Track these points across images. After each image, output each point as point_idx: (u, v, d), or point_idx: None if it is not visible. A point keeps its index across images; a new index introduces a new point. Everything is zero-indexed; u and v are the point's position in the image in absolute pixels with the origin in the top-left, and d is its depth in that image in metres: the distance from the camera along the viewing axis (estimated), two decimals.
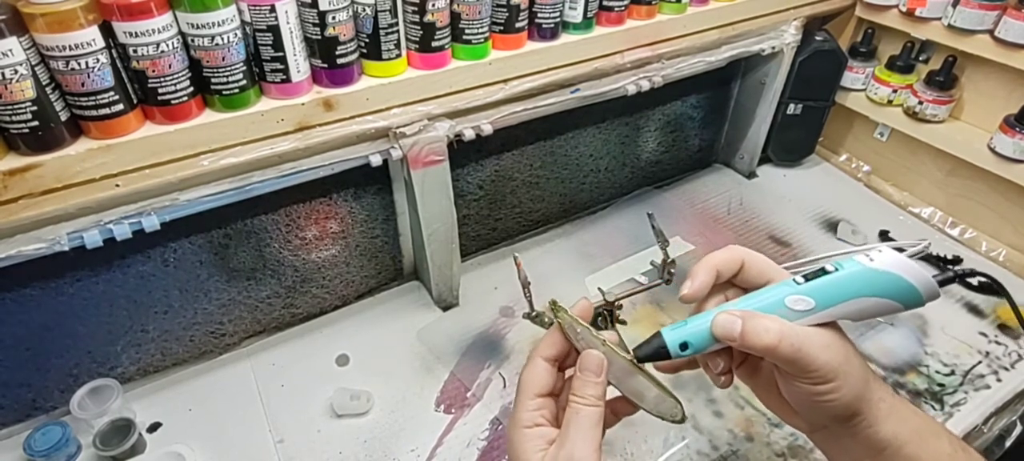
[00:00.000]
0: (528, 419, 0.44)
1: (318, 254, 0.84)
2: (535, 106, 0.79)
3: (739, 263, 0.45)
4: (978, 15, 0.87)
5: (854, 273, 0.41)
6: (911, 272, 0.40)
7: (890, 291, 0.40)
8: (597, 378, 0.43)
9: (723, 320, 0.41)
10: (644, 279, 0.92)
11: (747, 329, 0.40)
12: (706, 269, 0.45)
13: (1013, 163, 0.89)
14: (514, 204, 0.99)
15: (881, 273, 0.40)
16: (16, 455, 0.67)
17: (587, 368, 0.43)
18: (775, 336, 0.39)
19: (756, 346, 0.40)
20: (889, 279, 0.40)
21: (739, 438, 0.71)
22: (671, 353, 0.43)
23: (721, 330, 0.41)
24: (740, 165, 1.19)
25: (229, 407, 0.75)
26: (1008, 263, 0.97)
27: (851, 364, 0.41)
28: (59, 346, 0.71)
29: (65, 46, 0.50)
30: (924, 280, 0.40)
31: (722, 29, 0.90)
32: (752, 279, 0.45)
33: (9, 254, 0.56)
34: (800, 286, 0.41)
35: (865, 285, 0.40)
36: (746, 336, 0.40)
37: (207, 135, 0.59)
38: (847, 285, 0.40)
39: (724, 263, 0.45)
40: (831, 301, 0.40)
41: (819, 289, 0.41)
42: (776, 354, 0.40)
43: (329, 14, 0.60)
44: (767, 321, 0.40)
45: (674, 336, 0.43)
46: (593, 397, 0.43)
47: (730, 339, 0.41)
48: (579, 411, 0.42)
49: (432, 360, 0.81)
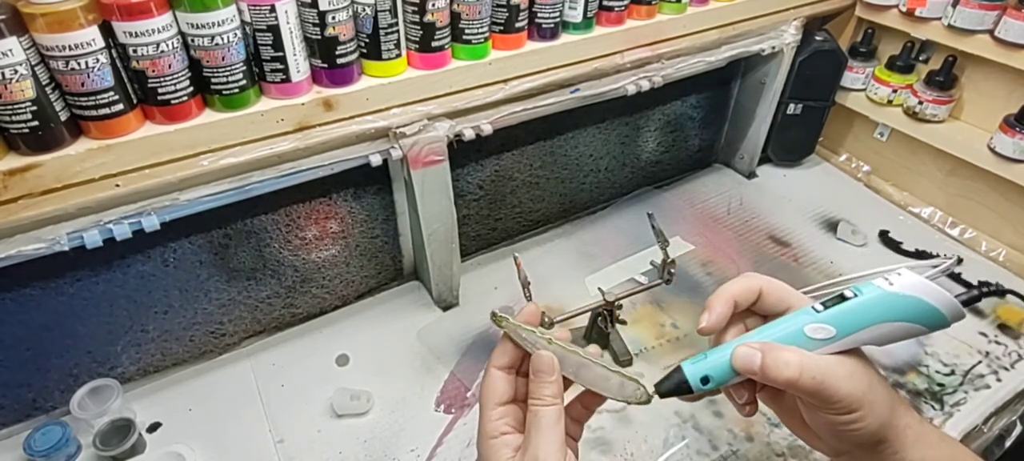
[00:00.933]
0: (493, 429, 0.44)
1: (318, 254, 0.84)
2: (535, 106, 0.79)
3: (757, 292, 0.45)
4: (978, 15, 0.87)
5: (874, 298, 0.40)
6: (932, 294, 0.38)
7: (912, 315, 0.39)
8: (550, 377, 0.43)
9: (743, 354, 0.41)
10: (644, 279, 0.92)
11: (767, 363, 0.40)
12: (723, 301, 0.44)
13: (1013, 163, 0.89)
14: (514, 204, 0.99)
15: (901, 297, 0.39)
16: (16, 455, 0.67)
17: (539, 369, 0.44)
18: (796, 369, 0.39)
19: (777, 380, 0.39)
20: (910, 303, 0.39)
21: (739, 438, 0.71)
22: (693, 388, 0.43)
23: (741, 363, 0.41)
24: (740, 165, 1.19)
25: (229, 407, 0.75)
26: (1008, 263, 0.97)
27: (875, 392, 0.40)
28: (59, 346, 0.71)
29: (65, 46, 0.50)
30: (946, 301, 0.39)
31: (722, 29, 0.90)
32: (771, 306, 0.45)
33: (9, 254, 0.56)
34: (819, 314, 0.40)
35: (886, 310, 0.39)
36: (767, 369, 0.40)
37: (207, 135, 0.59)
38: (867, 311, 0.39)
39: (741, 292, 0.44)
40: (852, 328, 0.40)
41: (839, 316, 0.40)
42: (797, 387, 0.39)
43: (329, 14, 0.60)
44: (787, 354, 0.39)
45: (695, 370, 0.43)
46: (549, 397, 0.43)
47: (750, 372, 0.41)
48: (537, 412, 0.42)
49: (432, 360, 0.81)
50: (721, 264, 0.97)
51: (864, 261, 0.97)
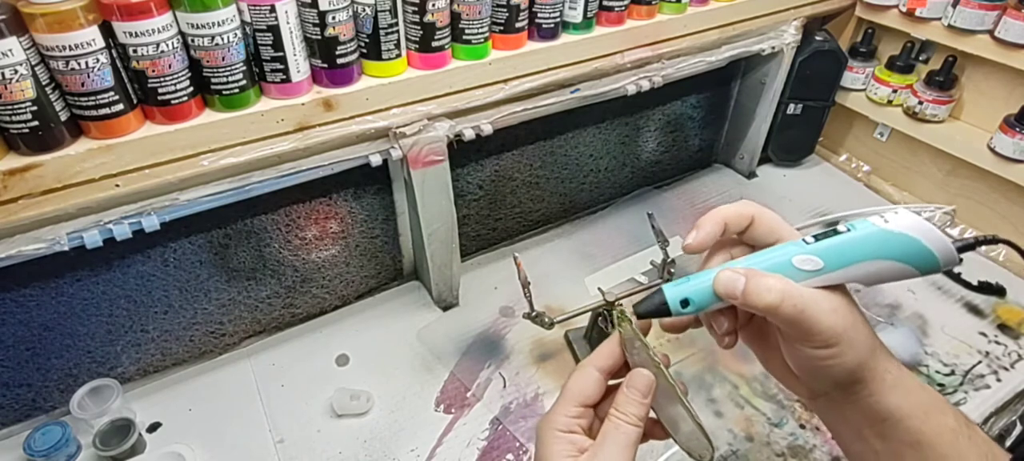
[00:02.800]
0: (565, 424, 0.43)
1: (318, 254, 0.84)
2: (535, 106, 0.79)
3: (749, 218, 0.43)
4: (978, 15, 0.87)
5: (867, 234, 0.39)
6: (928, 235, 0.38)
7: (904, 254, 0.38)
8: (643, 399, 0.42)
9: (726, 277, 0.40)
10: (644, 279, 0.92)
11: (750, 288, 0.39)
12: (713, 220, 0.43)
13: (1013, 163, 0.89)
14: (514, 204, 0.99)
15: (896, 234, 0.38)
16: (16, 455, 0.67)
17: (635, 386, 0.43)
18: (777, 296, 0.38)
19: (758, 305, 0.38)
20: (904, 241, 0.38)
21: (739, 438, 0.71)
22: (671, 309, 0.42)
23: (723, 287, 0.40)
24: (740, 165, 1.19)
25: (229, 407, 0.75)
26: (1008, 263, 0.97)
27: (857, 331, 0.39)
28: (59, 346, 0.71)
29: (65, 46, 0.50)
30: (941, 244, 0.38)
31: (722, 29, 0.90)
32: (761, 236, 0.44)
33: (9, 254, 0.56)
34: (809, 246, 0.40)
35: (878, 247, 0.38)
36: (748, 295, 0.39)
37: (207, 135, 0.59)
38: (859, 246, 0.39)
39: (733, 216, 0.43)
40: (841, 263, 0.39)
41: (829, 249, 0.39)
42: (778, 314, 0.38)
43: (329, 14, 0.60)
44: (770, 280, 0.38)
45: (676, 292, 0.42)
46: (635, 416, 0.42)
47: (732, 297, 0.40)
48: (619, 426, 0.41)
49: (432, 360, 0.81)
50: None
51: None
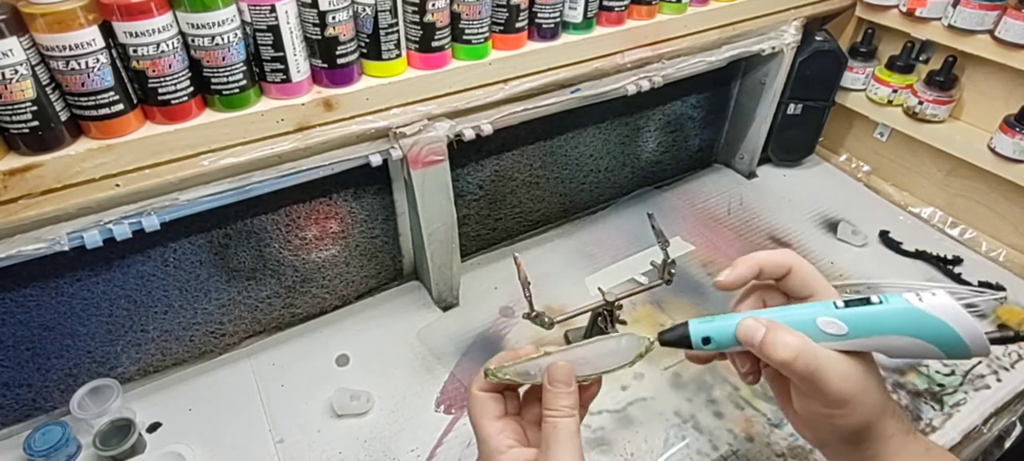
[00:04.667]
0: (499, 444, 0.44)
1: (318, 254, 0.84)
2: (535, 106, 0.79)
3: (787, 268, 0.45)
4: (978, 15, 0.87)
5: (898, 310, 0.39)
6: (961, 322, 0.37)
7: (933, 336, 0.38)
8: (569, 388, 0.43)
9: (747, 325, 0.42)
10: (644, 279, 0.92)
11: (767, 339, 0.40)
12: (749, 263, 0.45)
13: (1013, 163, 0.89)
14: (514, 204, 0.99)
15: (928, 316, 0.38)
16: (16, 455, 0.67)
17: (557, 380, 0.43)
18: (792, 352, 0.39)
19: (772, 358, 0.40)
20: (935, 324, 0.38)
21: (739, 438, 0.71)
22: (693, 344, 0.44)
23: (744, 334, 0.42)
24: (740, 165, 1.19)
25: (229, 407, 0.75)
26: (1008, 263, 0.97)
27: (867, 395, 0.40)
28: (59, 346, 0.71)
29: (65, 46, 0.50)
30: (974, 333, 0.37)
31: (722, 29, 0.90)
32: (796, 288, 0.45)
33: (9, 254, 0.56)
34: (837, 310, 0.40)
35: (907, 324, 0.38)
36: (765, 345, 0.40)
37: (207, 135, 0.59)
38: (887, 320, 0.39)
39: (770, 263, 0.45)
40: (865, 332, 0.39)
41: (855, 317, 0.40)
42: (790, 370, 0.40)
43: (329, 14, 0.60)
44: (789, 336, 0.40)
45: (700, 328, 0.43)
46: (567, 407, 0.43)
47: (751, 344, 0.41)
48: (557, 424, 0.42)
49: (432, 360, 0.81)
50: (721, 264, 0.96)
51: (864, 261, 0.97)
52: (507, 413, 0.46)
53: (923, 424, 0.73)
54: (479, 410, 0.45)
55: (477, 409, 0.46)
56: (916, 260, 0.98)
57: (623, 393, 0.76)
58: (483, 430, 0.45)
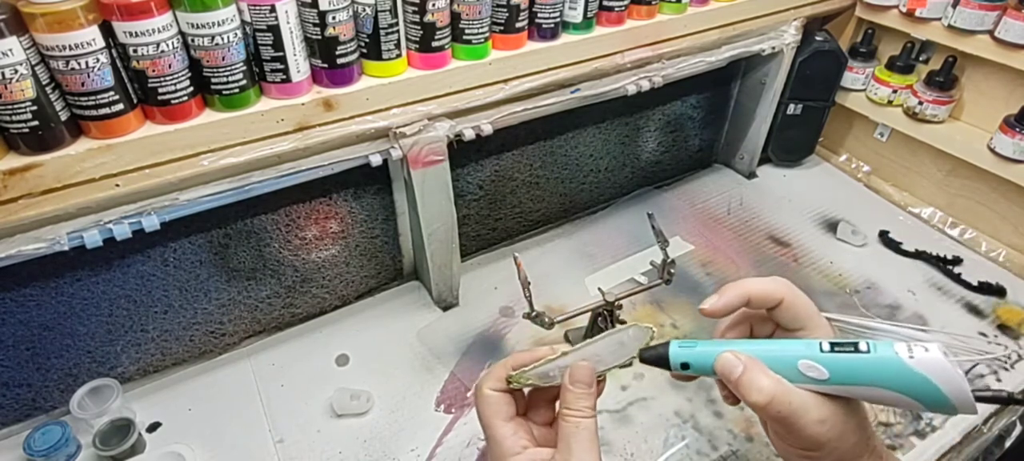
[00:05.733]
0: (513, 446, 0.43)
1: (318, 254, 0.84)
2: (535, 106, 0.79)
3: (779, 299, 0.43)
4: (978, 15, 0.87)
5: (885, 361, 0.37)
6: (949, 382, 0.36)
7: (915, 392, 0.36)
8: (589, 389, 0.43)
9: (726, 360, 0.41)
10: (644, 279, 0.92)
11: (743, 379, 0.39)
12: (737, 292, 0.43)
13: (1013, 163, 0.89)
14: (514, 204, 0.99)
15: (914, 373, 0.36)
16: (16, 455, 0.67)
17: (579, 380, 0.43)
18: (766, 397, 0.39)
19: (747, 398, 0.39)
20: (920, 381, 0.36)
21: (739, 438, 0.71)
22: (671, 366, 0.43)
23: (722, 368, 0.41)
24: (740, 165, 1.19)
25: (229, 407, 0.75)
26: (1008, 263, 0.97)
27: (843, 440, 0.39)
28: (59, 346, 0.71)
29: (65, 46, 0.50)
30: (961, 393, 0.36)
31: (722, 29, 0.90)
32: (786, 320, 0.44)
33: (9, 254, 0.56)
34: (820, 354, 0.39)
35: (892, 378, 0.37)
36: (741, 385, 0.40)
37: (207, 135, 0.59)
38: (871, 371, 0.37)
39: (760, 293, 0.43)
40: (847, 380, 0.38)
41: (839, 363, 0.38)
42: (764, 413, 0.39)
43: (329, 14, 0.60)
44: (764, 380, 0.39)
45: (680, 353, 0.43)
46: (587, 408, 0.42)
47: (727, 380, 0.41)
48: (579, 424, 0.42)
49: (432, 360, 0.81)
50: (721, 264, 0.96)
51: (864, 261, 0.97)
52: (518, 414, 0.46)
53: (923, 424, 0.73)
54: (491, 410, 0.45)
55: (489, 409, 0.45)
56: (916, 260, 0.98)
57: (623, 393, 0.76)
58: (496, 431, 0.44)
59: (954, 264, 0.96)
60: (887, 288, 0.92)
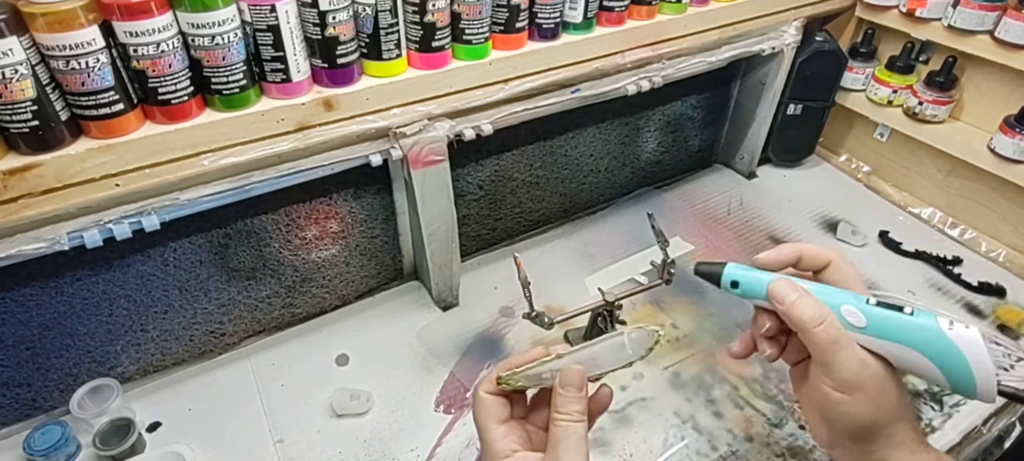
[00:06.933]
0: (504, 449, 0.43)
1: (318, 254, 0.84)
2: (535, 106, 0.79)
3: (827, 261, 0.45)
4: (978, 16, 0.87)
5: (922, 325, 0.39)
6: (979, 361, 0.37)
7: (945, 362, 0.38)
8: (579, 392, 0.43)
9: (781, 285, 0.42)
10: (644, 279, 0.92)
11: (797, 302, 0.41)
12: (791, 248, 0.46)
13: (1013, 164, 0.89)
14: (514, 204, 0.99)
15: (950, 344, 0.37)
16: (16, 455, 0.67)
17: (569, 384, 0.43)
18: (817, 317, 0.40)
19: (799, 319, 0.41)
20: (953, 354, 0.37)
21: (739, 438, 0.71)
22: (721, 281, 0.45)
23: (776, 291, 0.42)
24: (740, 165, 1.19)
25: (229, 407, 0.75)
26: (1008, 263, 0.97)
27: (884, 393, 0.40)
28: (59, 346, 0.71)
29: (65, 46, 0.50)
30: (987, 377, 0.37)
31: (722, 29, 0.90)
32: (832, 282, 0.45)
33: (9, 253, 0.56)
34: (865, 304, 0.40)
35: (925, 342, 0.38)
36: (794, 306, 0.41)
37: (207, 135, 0.59)
38: (908, 330, 0.39)
39: (812, 253, 0.46)
40: (883, 333, 0.39)
41: (879, 316, 0.40)
42: (811, 335, 0.40)
43: (329, 14, 0.60)
44: (817, 305, 0.41)
45: (733, 271, 0.44)
46: (577, 412, 0.42)
47: (780, 302, 0.42)
48: (568, 428, 0.42)
49: (432, 360, 0.81)
50: None
51: (864, 261, 0.97)
52: (512, 417, 0.46)
53: (923, 424, 0.73)
54: (484, 413, 0.45)
55: (482, 412, 0.45)
56: (916, 260, 0.98)
57: (622, 393, 0.76)
58: (488, 433, 0.44)
59: (954, 264, 0.96)
60: (887, 288, 0.92)
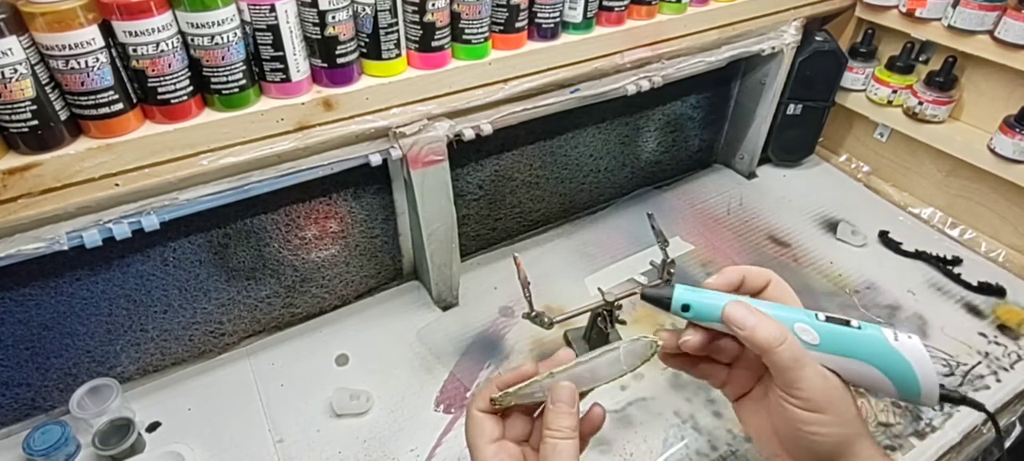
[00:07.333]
0: None
1: (318, 254, 0.84)
2: (535, 106, 0.79)
3: (767, 281, 0.46)
4: (978, 16, 0.87)
5: (871, 337, 0.41)
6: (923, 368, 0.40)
7: (893, 372, 0.40)
8: (570, 408, 0.43)
9: (738, 309, 0.41)
10: (644, 279, 0.92)
11: (758, 323, 0.40)
12: (736, 270, 0.46)
13: (1013, 164, 0.89)
14: (514, 204, 0.99)
15: (896, 354, 0.40)
16: (15, 454, 0.67)
17: (559, 399, 0.43)
18: (779, 336, 0.39)
19: (758, 341, 0.40)
20: (899, 362, 0.40)
21: (738, 438, 0.71)
22: (671, 306, 0.44)
23: (732, 315, 0.41)
24: (740, 165, 1.19)
25: (228, 407, 0.75)
26: (1008, 263, 0.97)
27: (845, 407, 0.40)
28: (58, 346, 0.71)
29: (65, 45, 0.50)
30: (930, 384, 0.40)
31: (722, 29, 0.90)
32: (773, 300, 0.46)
33: (9, 253, 0.56)
34: (815, 321, 0.41)
35: (874, 354, 0.40)
36: (756, 329, 0.40)
37: (207, 134, 0.59)
38: (858, 344, 0.41)
39: (753, 274, 0.46)
40: (836, 349, 0.41)
41: (831, 332, 0.41)
42: (774, 355, 0.39)
43: (329, 14, 0.60)
44: (776, 325, 0.40)
45: (684, 295, 0.43)
46: (568, 428, 0.42)
47: (739, 326, 0.41)
48: (557, 445, 0.42)
49: (432, 360, 0.81)
50: (721, 264, 0.96)
51: (864, 261, 0.97)
52: (504, 436, 0.46)
53: (923, 424, 0.73)
54: (476, 431, 0.45)
55: (474, 430, 0.45)
56: (916, 260, 0.98)
57: (622, 393, 0.76)
58: (479, 453, 0.44)
59: (954, 264, 0.96)
60: (887, 288, 0.92)
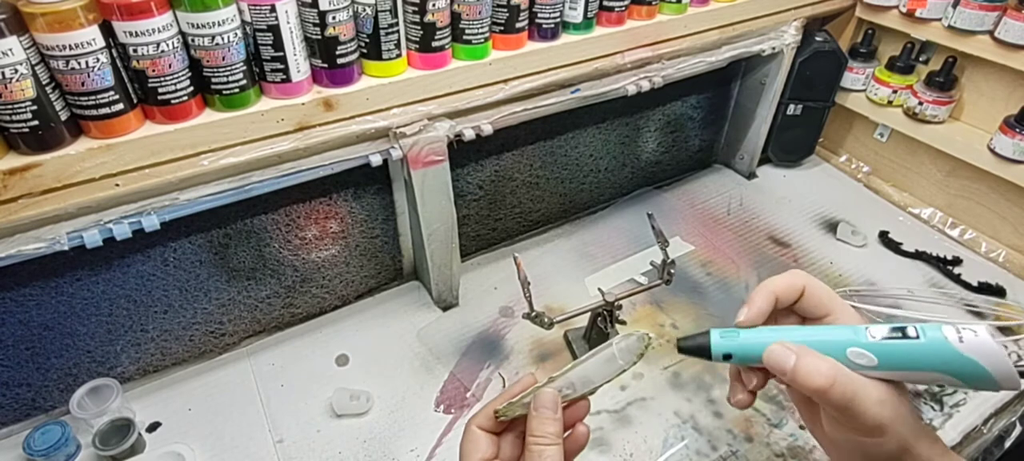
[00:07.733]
0: None
1: (318, 254, 0.84)
2: (535, 106, 0.79)
3: (800, 291, 0.43)
4: (978, 16, 0.87)
5: (935, 348, 0.37)
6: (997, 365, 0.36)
7: (965, 374, 0.37)
8: (554, 414, 0.43)
9: (777, 352, 0.39)
10: (644, 279, 0.92)
11: (800, 366, 0.38)
12: (764, 295, 0.43)
13: (1013, 164, 0.89)
14: (514, 204, 0.99)
15: (964, 358, 0.37)
16: (15, 454, 0.67)
17: (542, 405, 0.43)
18: (828, 380, 0.37)
19: (806, 386, 0.38)
20: (969, 364, 0.37)
21: (739, 438, 0.71)
22: (712, 357, 0.42)
23: (773, 361, 0.39)
24: (740, 165, 1.19)
25: (229, 407, 0.75)
26: (1008, 264, 0.97)
27: (904, 421, 0.39)
28: (59, 346, 0.71)
29: (65, 45, 0.50)
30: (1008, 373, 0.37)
31: (722, 29, 0.90)
32: (811, 309, 0.43)
33: (9, 253, 0.56)
34: (869, 342, 0.39)
35: (941, 363, 0.37)
36: (798, 373, 0.38)
37: (207, 135, 0.59)
38: (922, 357, 0.38)
39: (784, 289, 0.43)
40: (897, 366, 0.38)
41: (888, 352, 0.38)
42: (826, 398, 0.38)
43: (329, 14, 0.60)
44: (822, 363, 0.38)
45: (722, 344, 0.41)
46: (552, 434, 0.42)
47: (781, 372, 0.39)
48: (542, 452, 0.41)
49: (432, 360, 0.81)
50: (721, 265, 0.97)
51: (864, 262, 0.97)
52: (498, 455, 0.46)
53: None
54: (470, 446, 0.45)
55: (469, 445, 0.45)
56: (916, 261, 0.98)
57: (622, 393, 0.76)
58: None
59: (954, 264, 0.96)
60: (887, 288, 0.92)
